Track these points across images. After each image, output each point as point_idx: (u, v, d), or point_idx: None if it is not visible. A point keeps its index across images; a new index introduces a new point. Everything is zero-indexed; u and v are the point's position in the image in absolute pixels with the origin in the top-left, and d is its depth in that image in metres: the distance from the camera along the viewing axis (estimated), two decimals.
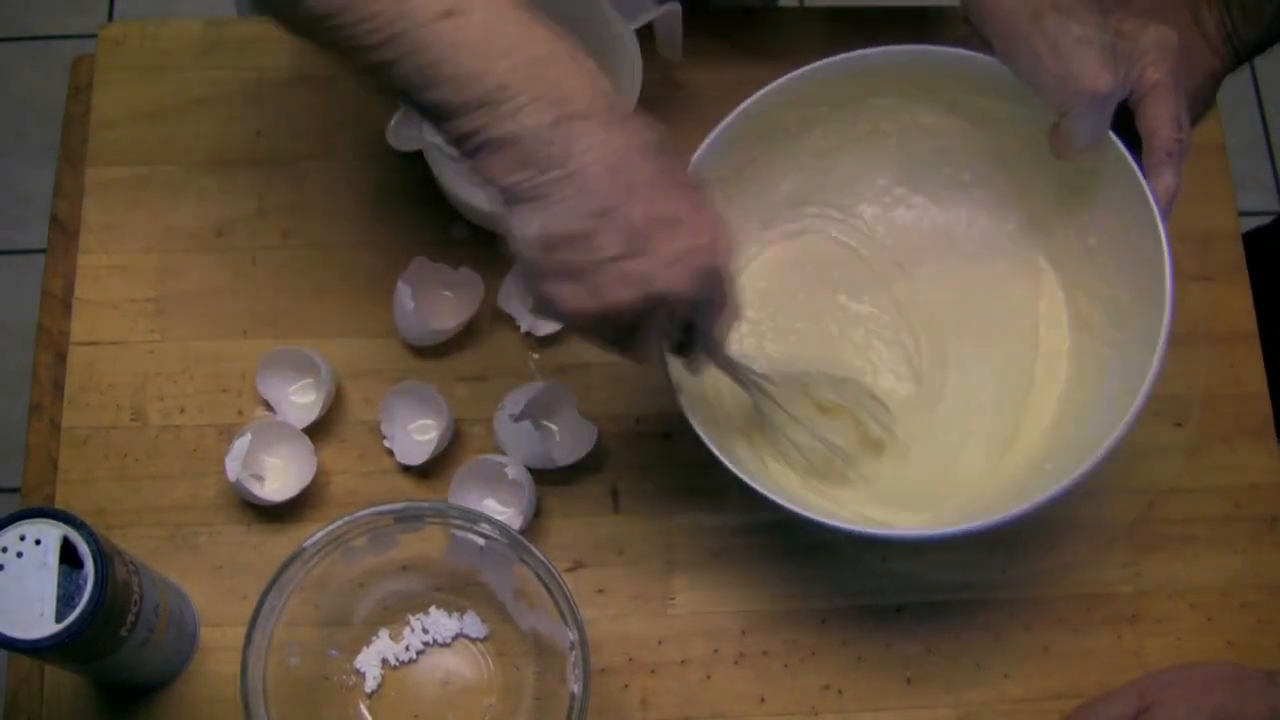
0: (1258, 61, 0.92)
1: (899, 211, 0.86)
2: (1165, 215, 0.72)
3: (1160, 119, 0.72)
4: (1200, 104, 0.91)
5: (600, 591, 0.83)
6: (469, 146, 0.64)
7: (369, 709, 0.80)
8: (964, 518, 0.72)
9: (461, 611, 0.81)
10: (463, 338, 0.87)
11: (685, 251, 0.63)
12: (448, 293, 0.87)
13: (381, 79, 0.64)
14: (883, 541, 0.83)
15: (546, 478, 0.83)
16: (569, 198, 0.62)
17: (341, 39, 0.63)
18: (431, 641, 0.80)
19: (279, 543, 0.82)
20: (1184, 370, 0.86)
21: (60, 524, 0.66)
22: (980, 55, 0.76)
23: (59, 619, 0.65)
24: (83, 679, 0.79)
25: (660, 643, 0.82)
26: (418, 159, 0.86)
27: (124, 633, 0.70)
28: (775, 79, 0.78)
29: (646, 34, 0.84)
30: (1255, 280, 0.91)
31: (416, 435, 0.84)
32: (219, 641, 0.80)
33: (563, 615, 0.73)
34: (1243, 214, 0.93)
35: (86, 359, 0.86)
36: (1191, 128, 0.74)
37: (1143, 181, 0.72)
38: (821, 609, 0.83)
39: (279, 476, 0.83)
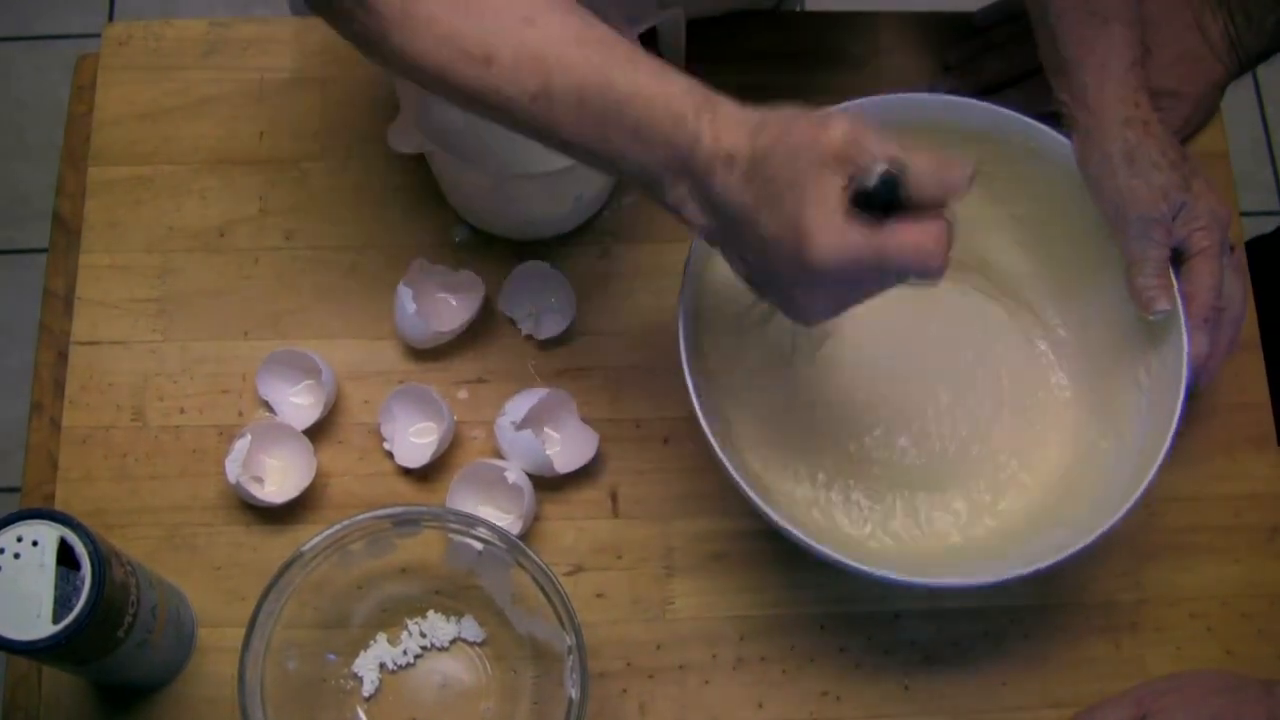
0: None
1: None
2: (1192, 376, 0.75)
3: (1203, 285, 0.75)
4: (1205, 111, 0.91)
5: (599, 596, 0.82)
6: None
7: (366, 713, 0.79)
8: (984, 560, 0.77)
9: (459, 615, 0.81)
10: (463, 340, 0.87)
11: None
12: (448, 295, 0.87)
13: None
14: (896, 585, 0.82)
15: (546, 481, 0.83)
16: None
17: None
18: (429, 645, 0.80)
19: (278, 544, 0.82)
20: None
21: (57, 525, 0.66)
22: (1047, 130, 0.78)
23: (56, 620, 0.65)
24: (81, 679, 0.79)
25: (659, 648, 0.82)
26: (419, 161, 0.86)
27: (121, 634, 0.70)
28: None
29: (649, 38, 0.84)
30: (1258, 289, 0.91)
31: (416, 438, 0.84)
32: (217, 642, 0.80)
33: (560, 620, 0.73)
34: (1242, 214, 0.93)
35: (87, 358, 0.86)
36: (1230, 282, 0.77)
37: (1185, 341, 0.75)
38: (820, 615, 0.83)
39: (278, 478, 0.83)
